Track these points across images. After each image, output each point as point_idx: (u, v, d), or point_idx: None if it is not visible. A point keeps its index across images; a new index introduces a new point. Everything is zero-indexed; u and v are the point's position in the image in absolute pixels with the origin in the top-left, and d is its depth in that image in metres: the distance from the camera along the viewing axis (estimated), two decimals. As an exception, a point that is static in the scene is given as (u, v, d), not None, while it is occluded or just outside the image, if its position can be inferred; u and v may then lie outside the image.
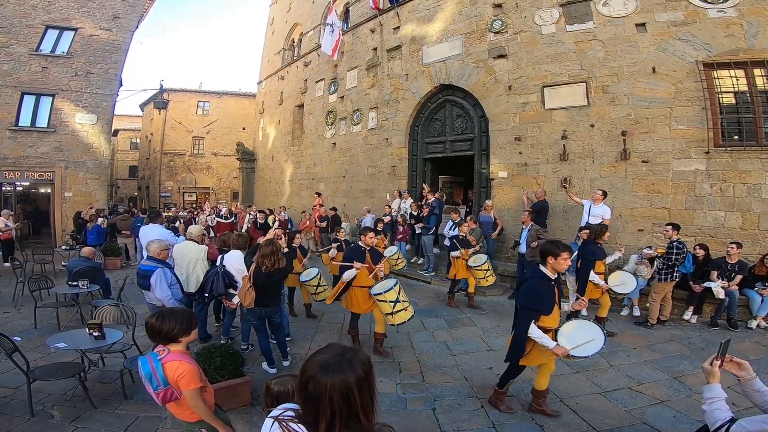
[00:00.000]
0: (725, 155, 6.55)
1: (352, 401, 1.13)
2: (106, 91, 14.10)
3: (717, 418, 1.81)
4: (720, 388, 1.91)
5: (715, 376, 1.93)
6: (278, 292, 4.51)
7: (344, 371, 1.14)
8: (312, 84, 15.71)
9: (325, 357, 1.19)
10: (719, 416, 1.81)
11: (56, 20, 13.36)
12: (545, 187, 8.15)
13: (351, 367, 1.16)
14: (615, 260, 6.19)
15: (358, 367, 1.16)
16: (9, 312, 6.51)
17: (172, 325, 2.22)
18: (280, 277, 4.40)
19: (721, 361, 1.94)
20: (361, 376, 1.15)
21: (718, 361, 1.94)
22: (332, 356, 1.19)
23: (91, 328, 3.80)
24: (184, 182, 27.73)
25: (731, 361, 1.96)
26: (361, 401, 1.14)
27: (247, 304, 4.17)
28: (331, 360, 1.18)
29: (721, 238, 6.47)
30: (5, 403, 3.64)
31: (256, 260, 4.22)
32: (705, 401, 1.91)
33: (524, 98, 8.64)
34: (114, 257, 10.35)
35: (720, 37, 6.59)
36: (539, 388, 3.57)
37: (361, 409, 1.14)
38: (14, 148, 12.83)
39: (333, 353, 1.21)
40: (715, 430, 1.80)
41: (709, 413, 1.86)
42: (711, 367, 1.95)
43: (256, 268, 4.17)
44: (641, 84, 7.19)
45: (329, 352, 1.22)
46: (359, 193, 13.02)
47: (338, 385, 1.12)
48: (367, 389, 1.16)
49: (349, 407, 1.13)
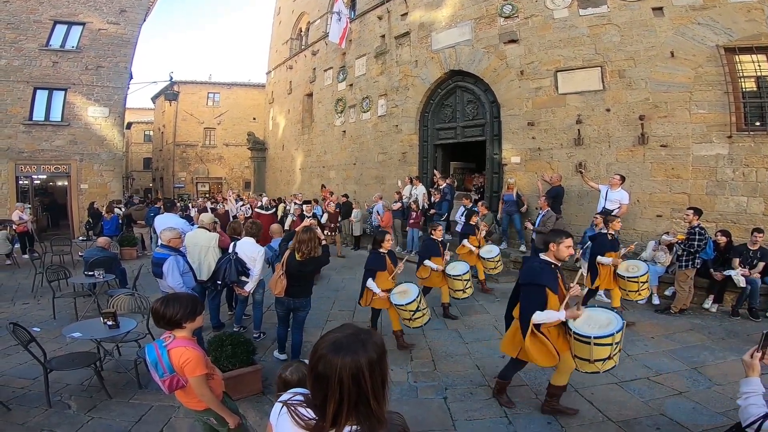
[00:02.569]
0: (748, 140, 6.32)
1: (362, 384, 1.08)
2: (117, 84, 14.21)
3: (750, 414, 1.71)
4: (759, 382, 1.80)
5: (755, 369, 1.82)
6: (310, 285, 4.33)
7: (356, 352, 1.10)
8: (320, 73, 15.61)
9: (338, 336, 1.15)
10: (753, 412, 1.71)
11: (63, 15, 13.43)
12: (560, 172, 7.98)
13: (364, 348, 1.11)
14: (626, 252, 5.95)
15: (371, 349, 1.12)
16: (28, 303, 6.67)
17: (175, 309, 2.18)
18: (314, 267, 4.22)
19: (763, 353, 1.83)
20: (373, 358, 1.11)
21: (759, 354, 1.82)
22: (345, 336, 1.15)
23: (106, 318, 3.85)
24: (197, 173, 27.99)
25: None
26: (372, 385, 1.09)
27: (277, 292, 4.05)
28: (344, 339, 1.13)
29: (744, 225, 6.27)
30: (23, 394, 3.71)
31: (291, 247, 4.07)
32: (740, 395, 1.80)
33: (537, 83, 8.44)
34: (130, 247, 10.52)
35: (741, 21, 6.36)
36: (555, 383, 3.28)
37: (371, 392, 1.09)
38: (29, 143, 13.05)
39: (346, 333, 1.16)
40: (747, 425, 1.70)
41: (744, 408, 1.76)
42: (751, 359, 1.83)
43: (289, 256, 4.03)
44: (659, 68, 6.97)
45: (342, 332, 1.17)
46: (370, 180, 13.00)
47: (349, 366, 1.08)
48: (379, 373, 1.12)
49: (359, 390, 1.08)
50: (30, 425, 3.24)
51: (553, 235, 3.21)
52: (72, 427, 3.23)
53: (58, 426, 3.23)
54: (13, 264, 9.45)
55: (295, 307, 4.19)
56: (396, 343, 4.80)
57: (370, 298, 4.75)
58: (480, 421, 3.33)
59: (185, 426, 3.24)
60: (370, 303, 4.79)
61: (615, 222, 5.48)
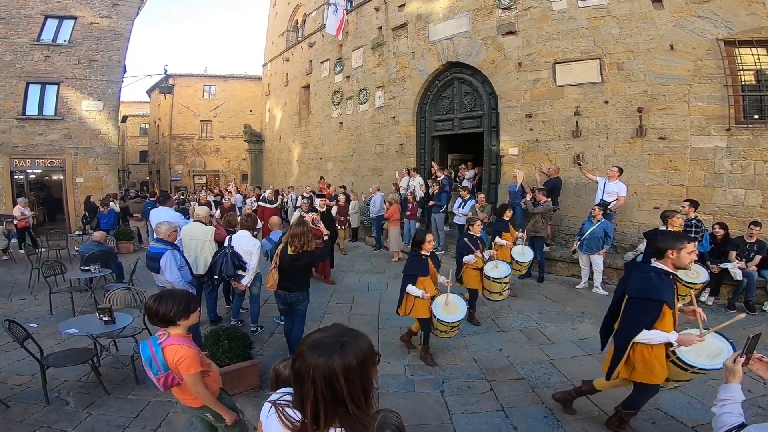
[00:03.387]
0: (746, 132, 6.31)
1: (336, 388, 1.04)
2: (111, 78, 14.07)
3: (724, 422, 1.58)
4: (739, 389, 1.66)
5: (736, 375, 1.68)
6: (305, 279, 4.21)
7: (332, 354, 1.05)
8: (317, 65, 15.46)
9: (320, 336, 1.11)
10: (727, 421, 1.58)
11: (55, 9, 13.26)
12: (557, 164, 7.97)
13: (341, 351, 1.06)
14: None
15: (350, 354, 1.06)
16: (25, 298, 6.65)
17: (168, 307, 2.15)
18: (307, 261, 4.08)
19: (747, 358, 1.70)
20: (351, 363, 1.05)
21: (742, 359, 1.70)
22: (327, 336, 1.11)
23: (101, 313, 3.83)
24: (194, 165, 27.92)
25: (760, 360, 1.71)
26: (348, 389, 1.05)
27: (269, 285, 4.02)
28: (324, 340, 1.09)
29: (741, 217, 6.27)
30: (21, 391, 3.71)
31: (284, 240, 4.03)
32: (717, 402, 1.66)
33: (535, 75, 8.38)
34: (127, 241, 10.49)
35: (742, 15, 6.32)
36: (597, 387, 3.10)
37: (348, 397, 1.05)
38: (23, 137, 12.95)
39: (329, 333, 1.12)
40: None
41: (718, 417, 1.62)
42: (733, 364, 1.69)
43: (282, 249, 3.98)
44: (658, 61, 6.92)
45: (327, 332, 1.13)
46: (367, 172, 12.97)
47: (321, 368, 1.04)
48: (357, 378, 1.06)
49: (334, 393, 1.04)
50: (29, 422, 3.23)
51: (672, 239, 2.67)
52: (70, 423, 3.23)
53: (56, 423, 3.24)
54: (9, 260, 9.41)
55: (292, 301, 4.13)
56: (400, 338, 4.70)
57: (411, 306, 4.13)
58: (477, 415, 3.35)
59: (183, 421, 3.25)
60: (411, 311, 4.14)
61: (675, 218, 5.23)
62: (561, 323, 5.27)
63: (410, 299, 4.13)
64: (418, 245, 4.20)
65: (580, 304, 5.99)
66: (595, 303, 5.95)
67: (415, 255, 4.24)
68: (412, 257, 4.28)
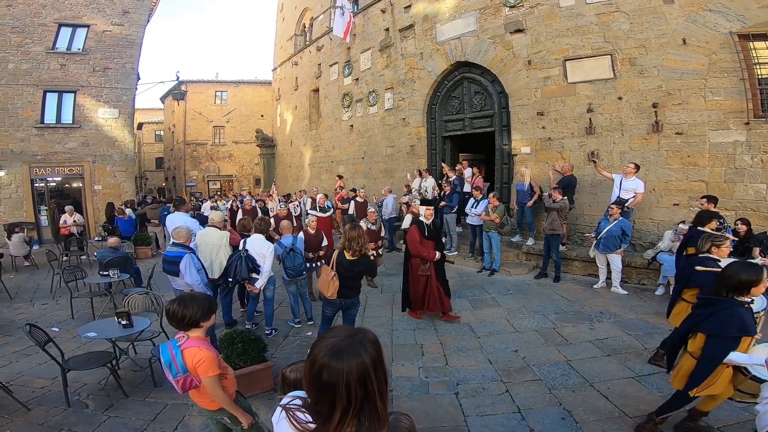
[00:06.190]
0: (766, 126, 6.15)
1: (369, 385, 1.07)
2: (125, 85, 14.32)
3: None
4: None
5: None
6: (359, 283, 4.16)
7: (359, 354, 1.07)
8: (326, 68, 15.55)
9: (334, 341, 1.11)
10: None
11: (67, 18, 13.52)
12: (571, 162, 7.85)
13: (364, 348, 1.09)
14: None
15: (370, 348, 1.10)
16: (47, 303, 6.80)
17: (194, 309, 2.18)
18: (365, 266, 4.00)
19: None
20: (375, 356, 1.09)
21: None
22: (342, 339, 1.11)
23: (119, 317, 3.90)
24: (208, 171, 28.26)
25: None
26: (377, 384, 1.08)
27: (330, 294, 3.87)
28: (342, 343, 1.10)
29: (763, 213, 6.10)
30: (43, 394, 3.78)
31: (340, 246, 3.93)
32: (761, 400, 1.66)
33: (545, 73, 8.28)
34: (145, 246, 10.66)
35: (754, 8, 6.18)
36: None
37: (377, 392, 1.08)
38: (42, 145, 13.25)
39: (341, 336, 1.13)
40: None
41: (762, 414, 1.62)
42: None
43: (339, 255, 3.89)
44: (671, 56, 6.79)
45: (337, 335, 1.13)
46: (379, 174, 12.97)
47: (356, 370, 1.05)
48: (381, 369, 1.10)
49: (366, 392, 1.07)
50: (49, 425, 3.30)
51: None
52: (90, 426, 3.29)
53: (76, 425, 3.29)
54: (31, 265, 9.66)
55: (347, 306, 4.09)
56: None
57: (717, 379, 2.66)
58: (492, 417, 3.30)
59: (199, 424, 3.28)
60: (706, 390, 2.67)
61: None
62: (578, 323, 5.18)
63: (724, 372, 2.66)
64: (746, 287, 2.59)
65: (598, 303, 5.88)
66: (614, 302, 5.85)
67: (737, 306, 2.58)
68: (736, 309, 2.57)
